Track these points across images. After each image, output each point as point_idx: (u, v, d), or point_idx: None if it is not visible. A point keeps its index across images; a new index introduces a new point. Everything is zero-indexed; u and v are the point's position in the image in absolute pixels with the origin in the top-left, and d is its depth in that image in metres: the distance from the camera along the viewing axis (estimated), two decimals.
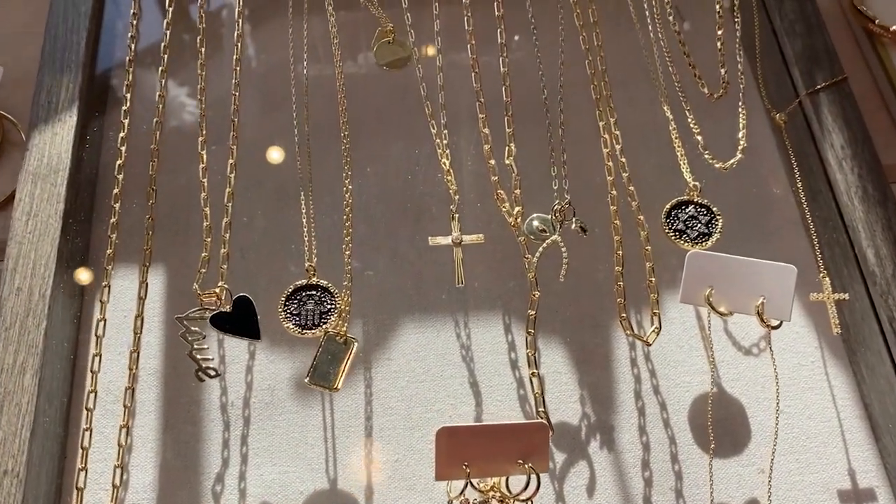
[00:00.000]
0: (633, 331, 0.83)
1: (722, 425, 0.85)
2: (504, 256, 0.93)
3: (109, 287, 0.83)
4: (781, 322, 0.79)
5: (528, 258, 0.83)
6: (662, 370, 0.88)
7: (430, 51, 0.97)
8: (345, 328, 0.82)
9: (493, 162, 0.86)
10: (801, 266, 0.89)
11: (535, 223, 0.88)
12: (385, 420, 0.86)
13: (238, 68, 0.92)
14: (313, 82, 1.00)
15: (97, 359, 0.80)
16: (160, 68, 0.90)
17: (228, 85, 0.89)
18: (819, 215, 0.91)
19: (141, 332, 0.82)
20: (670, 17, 0.98)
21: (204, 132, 0.88)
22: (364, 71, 1.06)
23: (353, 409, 0.86)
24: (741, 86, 0.93)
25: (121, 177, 0.85)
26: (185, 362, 0.79)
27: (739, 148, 0.90)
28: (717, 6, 0.96)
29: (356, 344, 0.81)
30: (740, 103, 0.92)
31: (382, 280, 0.92)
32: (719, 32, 0.94)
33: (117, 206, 0.86)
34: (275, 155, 1.00)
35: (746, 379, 0.88)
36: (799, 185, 0.93)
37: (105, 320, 0.82)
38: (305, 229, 0.89)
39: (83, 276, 0.92)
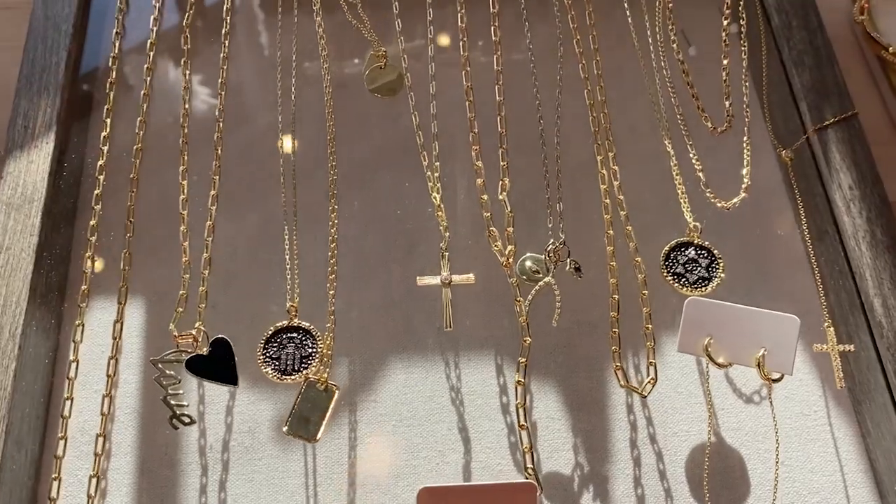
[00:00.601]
0: (627, 381, 0.80)
1: (720, 477, 0.82)
2: (498, 294, 0.90)
3: (83, 326, 0.80)
4: (783, 375, 0.76)
5: (519, 301, 0.80)
6: (659, 417, 0.85)
7: (424, 75, 0.93)
8: (326, 374, 0.78)
9: (485, 197, 0.82)
10: (806, 309, 0.87)
11: (528, 263, 0.85)
12: (369, 467, 0.82)
13: (223, 92, 0.89)
14: (302, 106, 0.96)
15: (68, 403, 0.77)
16: (142, 91, 0.86)
17: (213, 106, 0.86)
18: (825, 258, 0.87)
19: (114, 374, 0.79)
20: (674, 45, 0.95)
21: (185, 160, 0.85)
22: (355, 96, 1.02)
23: (336, 455, 0.83)
24: (746, 119, 0.89)
25: (97, 192, 0.82)
26: None
27: (743, 186, 0.86)
28: (724, 33, 0.92)
29: (338, 392, 0.78)
30: (745, 139, 0.88)
31: (370, 317, 0.89)
32: (725, 62, 0.91)
33: (93, 238, 0.83)
34: (259, 186, 0.96)
35: (747, 429, 0.84)
36: (804, 225, 0.89)
37: (77, 361, 0.79)
38: (288, 266, 0.85)
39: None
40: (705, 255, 0.83)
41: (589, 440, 0.84)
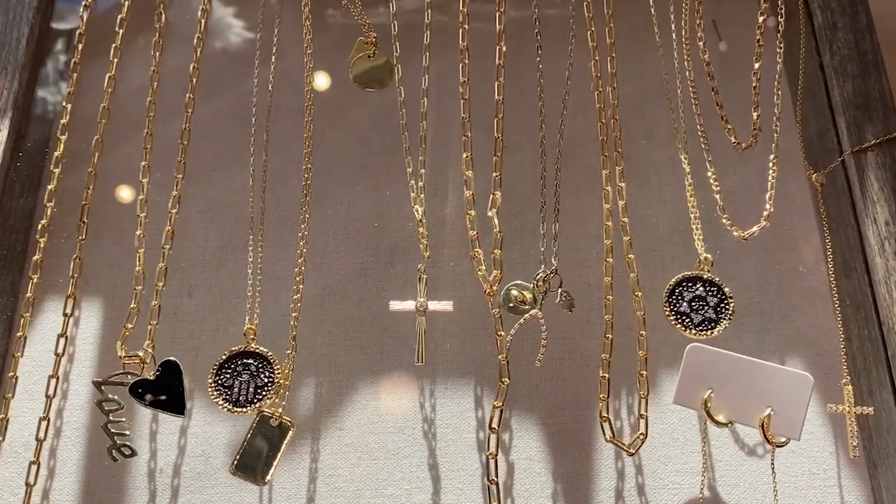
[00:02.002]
0: (614, 435, 0.72)
1: None
2: (484, 317, 0.82)
3: (25, 339, 0.73)
4: (789, 440, 0.67)
5: (500, 336, 0.71)
6: (650, 466, 0.77)
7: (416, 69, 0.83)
8: (280, 410, 0.71)
9: (472, 213, 0.74)
10: (824, 352, 0.78)
11: (514, 292, 0.76)
12: (329, 503, 0.76)
13: (195, 79, 0.80)
14: (279, 99, 0.88)
15: (5, 423, 0.71)
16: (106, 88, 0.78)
17: (181, 100, 0.78)
18: (851, 300, 0.78)
19: (54, 394, 0.73)
20: (701, 42, 0.83)
21: (147, 157, 0.77)
22: (338, 88, 0.92)
23: (294, 488, 0.77)
24: (775, 135, 0.78)
25: (51, 187, 0.75)
26: None
27: (764, 214, 0.76)
28: (759, 31, 0.81)
29: (292, 430, 0.71)
30: (772, 157, 0.78)
31: (341, 337, 0.81)
32: (756, 66, 0.80)
33: (43, 240, 0.76)
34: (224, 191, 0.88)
35: (746, 485, 0.76)
36: (830, 260, 0.79)
37: (17, 377, 0.73)
38: (250, 281, 0.78)
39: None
40: (714, 292, 0.74)
41: (570, 487, 0.77)
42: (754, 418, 0.67)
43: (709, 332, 0.73)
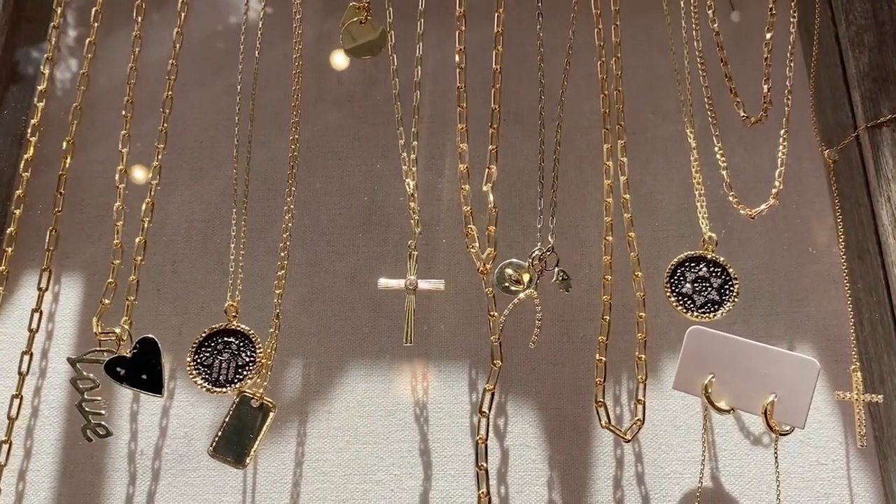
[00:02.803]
0: (610, 421, 0.68)
1: None
2: (479, 297, 0.78)
3: None
4: (793, 428, 0.64)
5: (492, 316, 0.68)
6: (651, 454, 0.74)
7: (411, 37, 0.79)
8: (262, 391, 0.68)
9: (466, 187, 0.70)
10: (835, 337, 0.75)
11: (508, 271, 0.73)
12: (316, 488, 0.73)
13: (178, 44, 0.77)
14: (266, 67, 0.84)
15: None
16: (86, 54, 0.75)
17: (161, 56, 0.75)
18: (863, 283, 0.74)
19: (27, 372, 0.70)
20: (710, 10, 0.79)
21: (129, 118, 0.74)
22: (328, 56, 0.89)
23: (279, 472, 0.74)
24: (786, 109, 0.74)
25: (27, 156, 0.72)
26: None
27: (773, 191, 0.73)
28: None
29: (274, 412, 0.68)
30: (783, 132, 0.74)
31: (331, 316, 0.78)
32: (768, 36, 0.76)
33: (18, 211, 0.73)
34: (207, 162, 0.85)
35: (751, 475, 0.73)
36: (842, 241, 0.75)
37: None
38: (233, 256, 0.75)
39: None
40: (719, 273, 0.70)
41: (566, 474, 0.73)
42: (757, 405, 0.64)
43: (712, 315, 0.69)
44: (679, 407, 0.75)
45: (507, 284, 0.72)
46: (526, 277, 0.73)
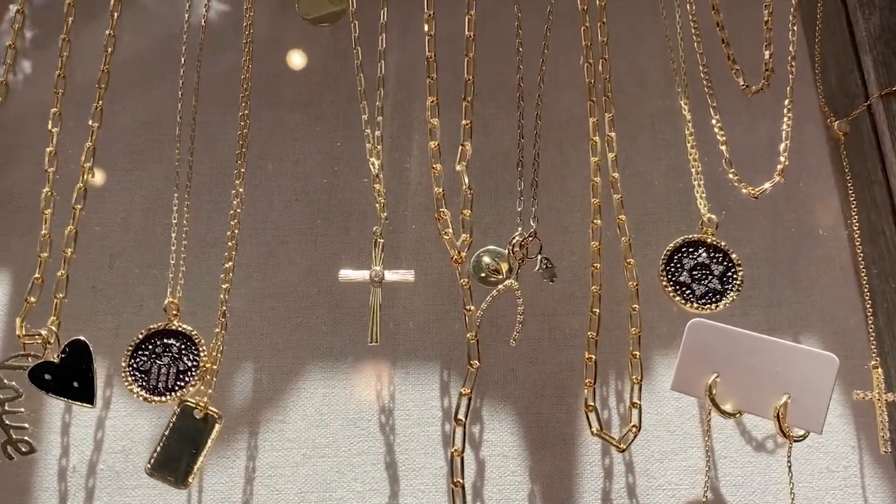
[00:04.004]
0: (601, 428, 0.61)
1: None
2: (452, 289, 0.71)
3: None
4: (808, 434, 0.57)
5: (468, 311, 0.60)
6: (643, 464, 0.66)
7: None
8: (206, 399, 0.60)
9: (438, 167, 0.63)
10: (845, 330, 0.69)
11: (486, 259, 0.65)
12: None
13: (116, 13, 0.68)
14: (213, 34, 0.76)
15: None
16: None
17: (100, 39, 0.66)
18: (879, 269, 0.67)
19: None
20: None
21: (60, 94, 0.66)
22: (283, 24, 0.80)
23: (228, 490, 0.66)
24: (791, 77, 0.67)
25: None
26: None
27: (779, 168, 0.66)
28: None
29: (220, 423, 0.60)
30: (787, 102, 0.67)
31: (287, 312, 0.70)
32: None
33: None
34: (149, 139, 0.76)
35: (753, 485, 0.66)
36: (855, 222, 0.68)
37: None
38: (174, 247, 0.66)
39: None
40: (720, 259, 0.63)
41: (550, 487, 0.66)
42: (768, 407, 0.57)
43: (713, 306, 0.62)
44: (673, 410, 0.68)
45: (484, 274, 0.65)
46: (505, 267, 0.65)
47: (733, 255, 0.63)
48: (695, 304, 0.63)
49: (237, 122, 0.69)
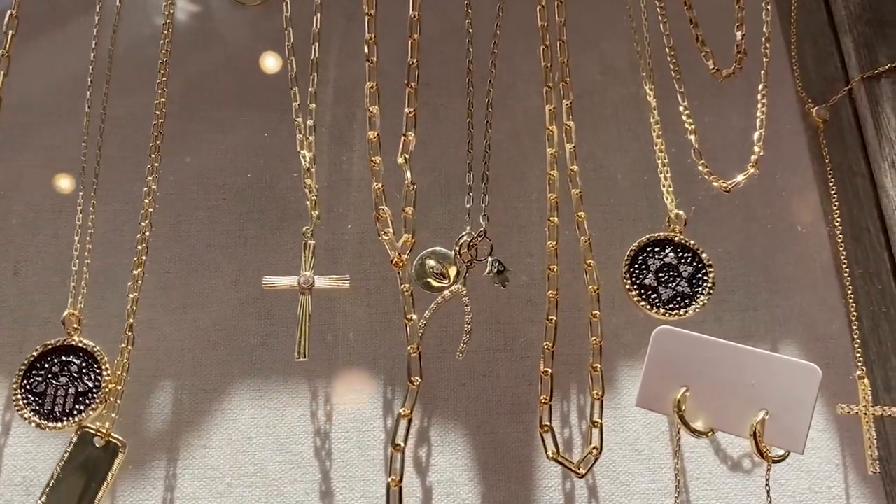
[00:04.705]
0: (558, 451, 0.54)
1: None
2: (397, 297, 0.64)
3: None
4: (788, 454, 0.51)
5: (409, 320, 0.54)
6: (608, 487, 0.61)
7: None
8: (109, 424, 0.52)
9: (378, 160, 0.56)
10: (826, 336, 0.65)
11: (430, 263, 0.58)
12: None
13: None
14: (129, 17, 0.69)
15: None
16: None
17: None
18: (863, 268, 0.62)
19: None
20: None
21: None
22: (208, 3, 0.73)
23: None
24: (765, 60, 0.63)
25: None
26: None
27: (753, 158, 0.60)
28: None
29: (123, 452, 0.53)
30: (761, 87, 0.63)
31: (211, 322, 0.64)
32: None
33: None
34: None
35: None
36: (837, 217, 0.62)
37: None
38: (76, 252, 0.59)
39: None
40: (689, 259, 0.57)
41: None
42: (744, 425, 0.52)
43: (682, 312, 0.57)
44: (640, 427, 0.62)
45: (428, 279, 0.58)
46: (452, 270, 0.58)
47: (703, 255, 0.58)
48: (661, 310, 0.57)
49: (152, 112, 0.62)
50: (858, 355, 0.58)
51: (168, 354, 0.63)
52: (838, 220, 0.62)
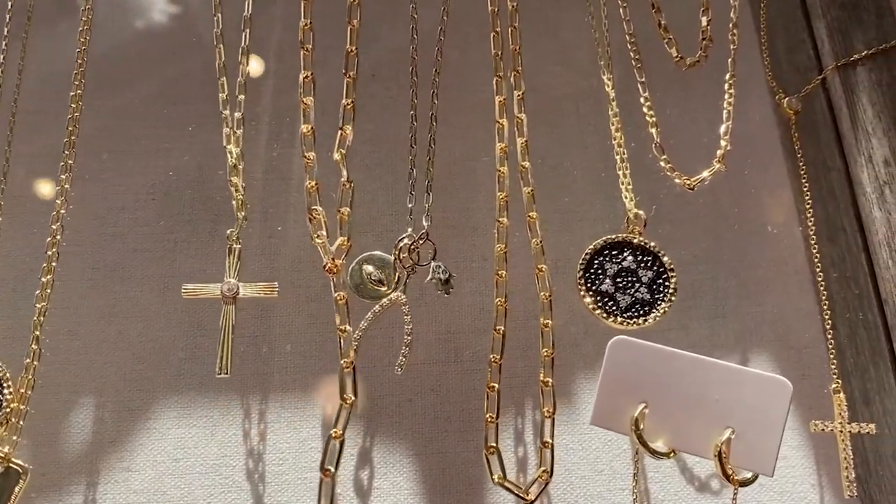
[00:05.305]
0: (504, 475, 0.49)
1: None
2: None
3: None
4: (756, 476, 0.46)
5: (342, 332, 0.49)
6: None
7: None
8: (9, 449, 0.48)
9: (312, 155, 0.52)
10: (801, 344, 0.61)
11: (368, 269, 0.53)
12: None
13: None
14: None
15: None
16: None
17: None
18: (839, 271, 0.58)
19: None
20: None
21: None
22: None
23: None
24: (732, 48, 0.58)
25: None
26: None
27: (718, 153, 0.56)
28: None
29: (25, 479, 0.48)
30: (728, 76, 0.58)
31: (136, 333, 0.60)
32: None
33: None
34: None
35: None
36: (810, 217, 0.57)
37: None
38: None
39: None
40: (649, 263, 0.53)
41: None
42: (707, 445, 0.48)
43: (641, 320, 0.52)
44: (601, 444, 0.58)
45: (365, 286, 0.53)
46: (390, 275, 0.53)
47: (664, 259, 0.53)
48: (619, 319, 0.52)
49: (67, 105, 0.57)
50: (833, 367, 0.53)
51: (89, 368, 0.58)
52: (811, 219, 0.58)
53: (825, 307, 0.56)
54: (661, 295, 0.52)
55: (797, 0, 0.63)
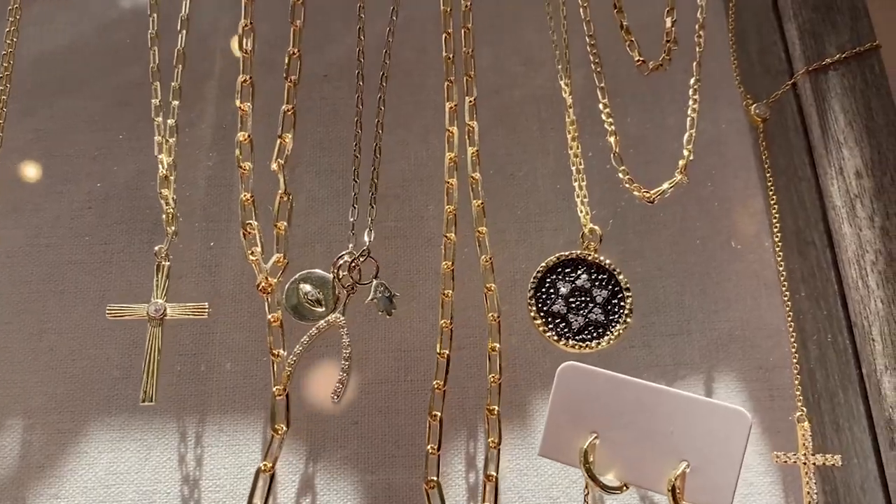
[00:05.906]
0: None
1: None
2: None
3: None
4: None
5: (275, 356, 0.46)
6: None
7: None
8: None
9: (247, 165, 0.52)
10: (770, 364, 0.58)
11: (305, 288, 0.50)
12: None
13: None
14: None
15: None
16: None
17: None
18: (807, 289, 0.54)
19: None
20: None
21: None
22: None
23: None
24: (698, 50, 0.55)
25: None
26: None
27: (681, 163, 0.54)
28: None
29: None
30: (693, 81, 0.55)
31: (68, 351, 0.57)
32: None
33: None
34: None
35: None
36: (777, 231, 0.54)
37: None
38: None
39: None
40: (604, 282, 0.50)
41: None
42: (661, 479, 0.45)
43: (595, 343, 0.49)
44: (557, 471, 0.56)
45: (301, 307, 0.50)
46: (328, 295, 0.50)
47: (620, 277, 0.50)
48: (571, 342, 0.49)
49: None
50: (798, 393, 0.50)
51: (18, 387, 0.56)
52: (779, 233, 0.54)
53: (790, 329, 0.53)
54: (616, 316, 0.49)
55: (769, 0, 0.60)
